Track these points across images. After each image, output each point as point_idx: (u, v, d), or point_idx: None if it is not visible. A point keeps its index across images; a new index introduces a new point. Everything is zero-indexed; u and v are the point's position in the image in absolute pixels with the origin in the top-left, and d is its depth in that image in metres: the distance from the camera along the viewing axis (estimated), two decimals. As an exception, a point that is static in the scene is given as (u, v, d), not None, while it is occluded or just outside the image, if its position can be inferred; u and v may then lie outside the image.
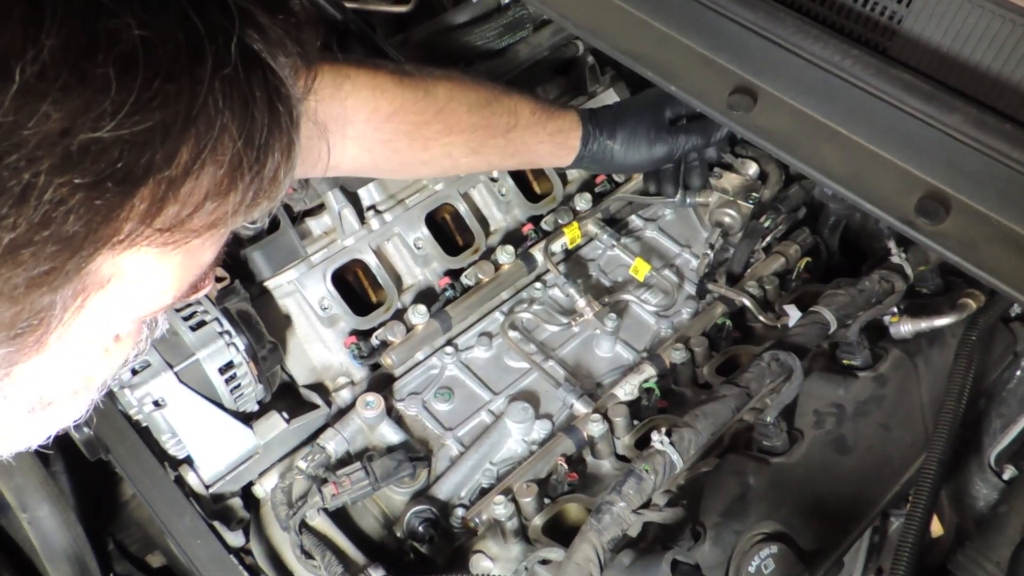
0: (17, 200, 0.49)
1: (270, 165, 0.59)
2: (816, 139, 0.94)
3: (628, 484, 1.05)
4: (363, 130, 1.21)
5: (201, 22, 0.52)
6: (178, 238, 0.57)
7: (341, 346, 1.47)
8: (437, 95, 1.25)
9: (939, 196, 0.90)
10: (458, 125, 1.28)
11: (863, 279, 1.32)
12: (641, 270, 1.62)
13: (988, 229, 0.88)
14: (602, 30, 1.09)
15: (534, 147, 1.39)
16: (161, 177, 0.53)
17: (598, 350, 1.56)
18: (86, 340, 0.62)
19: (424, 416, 1.45)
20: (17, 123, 0.47)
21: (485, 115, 1.30)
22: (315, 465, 1.33)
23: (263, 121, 0.57)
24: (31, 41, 0.47)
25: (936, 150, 0.89)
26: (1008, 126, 0.86)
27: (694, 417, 1.12)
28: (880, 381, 1.26)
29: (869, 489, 1.23)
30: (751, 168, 1.77)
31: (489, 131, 1.31)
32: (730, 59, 1.00)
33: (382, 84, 1.20)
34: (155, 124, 0.51)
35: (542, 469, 1.34)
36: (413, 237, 1.56)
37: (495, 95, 1.31)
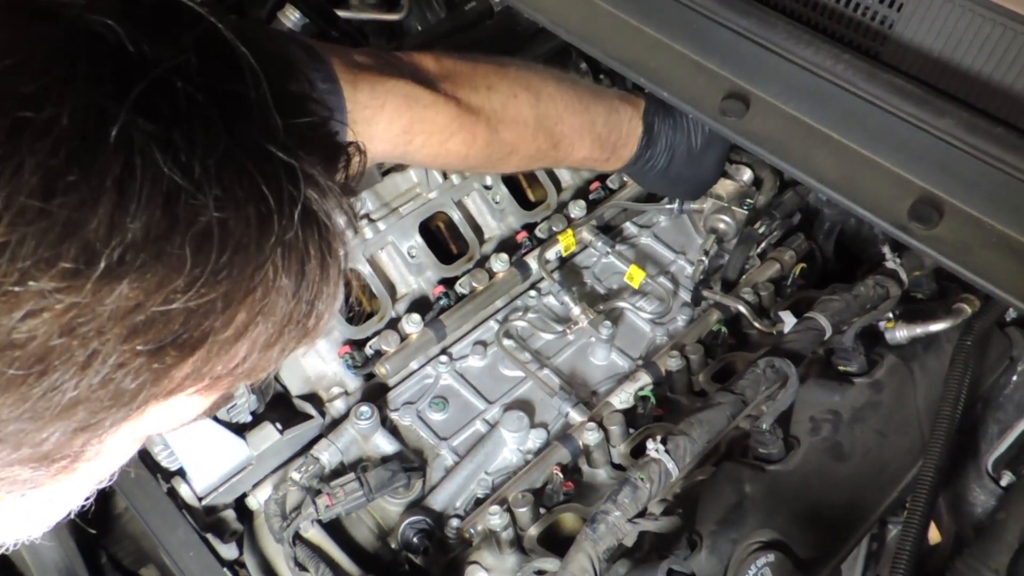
0: (82, 366, 0.50)
1: (315, 317, 0.61)
2: (808, 144, 0.94)
3: (623, 493, 1.04)
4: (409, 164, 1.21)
5: (273, 195, 0.53)
6: (219, 385, 0.59)
7: (335, 356, 1.47)
8: (501, 150, 1.25)
9: (932, 200, 0.89)
10: (506, 168, 1.32)
11: (858, 284, 1.32)
12: (636, 277, 1.62)
13: (982, 233, 0.87)
14: (593, 36, 1.09)
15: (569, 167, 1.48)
16: (217, 340, 0.55)
17: (593, 358, 1.55)
18: (110, 456, 0.62)
19: (419, 426, 1.44)
20: (96, 302, 0.48)
21: (535, 162, 1.32)
22: (309, 476, 1.32)
23: (314, 279, 0.58)
24: (118, 228, 0.48)
25: (928, 154, 0.88)
26: (1000, 129, 0.86)
27: (689, 425, 1.11)
28: (876, 387, 1.26)
29: (866, 496, 1.22)
30: (745, 174, 1.77)
31: (533, 165, 1.36)
32: (721, 64, 1.00)
33: (450, 150, 1.19)
34: (220, 295, 0.52)
35: (537, 478, 1.33)
36: (407, 245, 1.56)
37: (557, 144, 1.29)
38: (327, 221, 0.58)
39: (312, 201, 0.57)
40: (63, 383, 0.50)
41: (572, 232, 1.63)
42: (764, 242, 1.67)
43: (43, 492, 0.60)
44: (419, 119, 1.14)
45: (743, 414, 1.23)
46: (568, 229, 1.64)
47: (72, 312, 0.48)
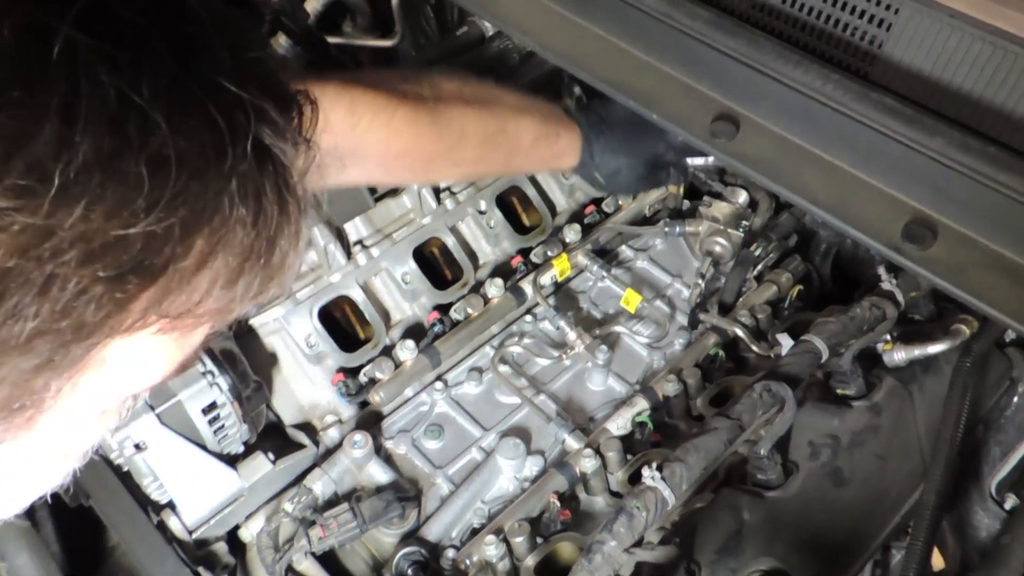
0: (40, 290, 0.49)
1: (278, 253, 0.61)
2: (800, 165, 0.93)
3: (619, 522, 1.03)
4: (368, 162, 1.21)
5: (225, 123, 0.54)
6: (182, 324, 0.58)
7: (328, 384, 1.45)
8: (450, 133, 1.25)
9: (926, 221, 0.88)
10: (463, 159, 1.31)
11: (854, 306, 1.31)
12: (632, 301, 1.60)
13: (976, 254, 0.86)
14: (582, 59, 1.09)
15: (527, 168, 1.49)
16: (177, 268, 0.54)
17: (590, 383, 1.54)
18: (73, 416, 0.61)
19: (414, 454, 1.42)
20: (54, 223, 0.48)
21: (489, 148, 1.32)
22: (302, 507, 1.30)
23: (272, 212, 0.58)
24: (66, 145, 0.48)
25: (921, 174, 0.87)
26: (992, 149, 0.85)
27: (685, 451, 1.10)
28: (875, 410, 1.24)
29: (867, 522, 1.20)
30: (741, 196, 1.76)
31: (489, 163, 1.35)
32: (711, 86, 0.99)
33: (397, 127, 1.19)
34: (178, 220, 0.52)
35: (534, 507, 1.31)
36: (401, 272, 1.55)
37: (503, 124, 1.32)
38: (282, 157, 0.59)
39: (266, 135, 0.57)
40: (22, 309, 0.49)
41: (567, 256, 1.63)
42: (760, 264, 1.66)
43: (5, 453, 0.59)
44: (359, 100, 1.14)
45: (740, 440, 1.21)
46: (563, 253, 1.63)
47: (28, 232, 0.48)
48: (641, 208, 1.78)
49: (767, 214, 1.75)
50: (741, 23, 1.02)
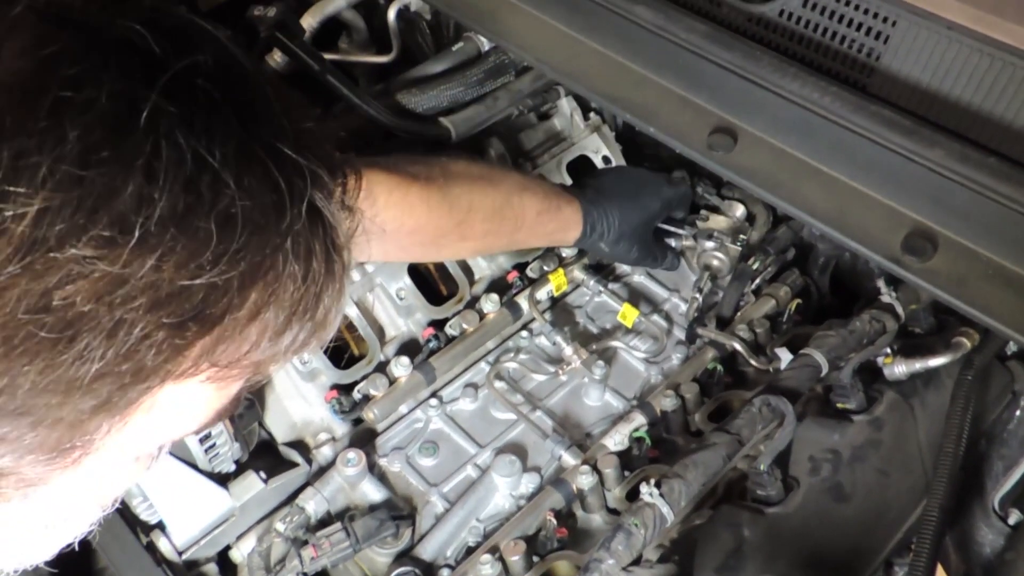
0: (108, 334, 0.53)
1: (322, 310, 0.64)
2: (798, 177, 0.92)
3: (617, 540, 1.01)
4: (385, 240, 1.24)
5: (285, 184, 0.58)
6: (230, 374, 0.61)
7: (322, 401, 1.43)
8: (460, 208, 1.29)
9: (926, 233, 0.87)
10: (472, 233, 1.33)
11: (853, 319, 1.29)
12: (629, 316, 1.59)
13: (978, 265, 0.85)
14: (579, 73, 1.08)
15: (532, 242, 1.49)
16: (233, 318, 0.58)
17: (587, 399, 1.52)
18: (113, 459, 0.63)
19: (408, 472, 1.40)
20: (129, 272, 0.52)
21: (496, 221, 1.35)
22: (294, 527, 1.28)
23: (320, 270, 0.62)
24: (147, 201, 0.52)
25: (920, 186, 0.86)
26: (992, 160, 0.84)
27: (684, 467, 1.08)
28: (876, 425, 1.22)
29: (870, 538, 1.18)
30: (738, 210, 1.75)
31: (497, 236, 1.38)
32: (708, 99, 0.98)
33: (412, 204, 1.24)
34: (238, 273, 0.56)
35: (530, 525, 1.29)
36: (395, 287, 1.53)
37: (509, 199, 1.35)
38: (331, 219, 0.63)
39: (318, 198, 0.61)
40: (91, 351, 0.52)
41: (563, 271, 1.61)
42: (759, 278, 1.64)
43: (46, 494, 0.61)
44: (374, 180, 1.20)
45: (740, 455, 1.20)
46: (559, 268, 1.62)
47: (106, 279, 0.51)
48: (637, 222, 1.76)
49: (764, 228, 1.74)
50: (738, 36, 1.01)
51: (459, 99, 1.49)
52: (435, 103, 1.47)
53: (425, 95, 1.47)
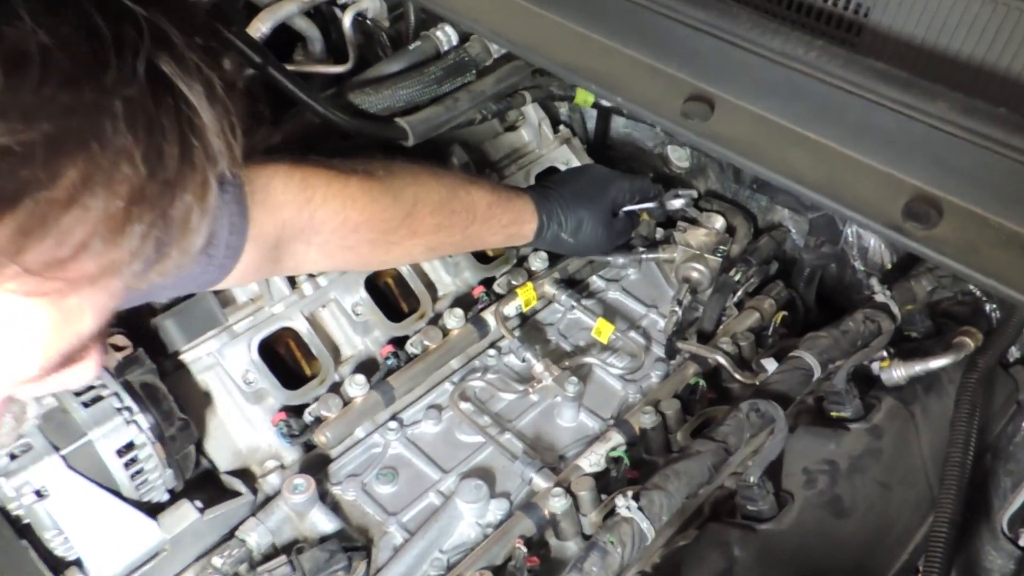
0: None
1: (180, 206, 0.52)
2: (783, 145, 0.82)
3: (591, 560, 0.88)
4: (328, 239, 1.16)
5: (109, 32, 0.47)
6: (53, 285, 0.48)
7: (269, 425, 1.31)
8: (404, 200, 1.22)
9: (929, 198, 0.77)
10: (421, 228, 1.25)
11: (846, 319, 1.19)
12: (604, 332, 1.48)
13: (990, 232, 0.75)
14: (540, 46, 0.99)
15: (489, 238, 1.38)
16: (39, 198, 0.45)
17: (560, 419, 1.40)
18: None
19: (364, 500, 1.28)
20: None
21: (445, 214, 1.27)
22: (233, 562, 1.15)
23: (172, 154, 0.50)
24: None
25: (921, 146, 0.77)
26: (1003, 111, 0.74)
27: (665, 478, 0.96)
28: (875, 433, 1.11)
29: (873, 559, 1.06)
30: (718, 222, 1.66)
31: (450, 230, 1.29)
32: (680, 66, 0.89)
33: (352, 195, 1.15)
34: (41, 137, 0.44)
35: (498, 554, 1.16)
36: (351, 302, 1.42)
37: (455, 191, 1.29)
38: (188, 94, 0.51)
39: (164, 62, 0.49)
40: None
41: (532, 285, 1.51)
42: (740, 290, 1.54)
43: None
44: (312, 174, 1.12)
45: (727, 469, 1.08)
46: (528, 283, 1.51)
47: None
48: (611, 236, 1.67)
49: (746, 240, 1.65)
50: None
51: (416, 99, 1.39)
52: (390, 103, 1.38)
53: (380, 94, 1.37)
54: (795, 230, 1.63)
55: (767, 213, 1.67)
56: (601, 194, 1.47)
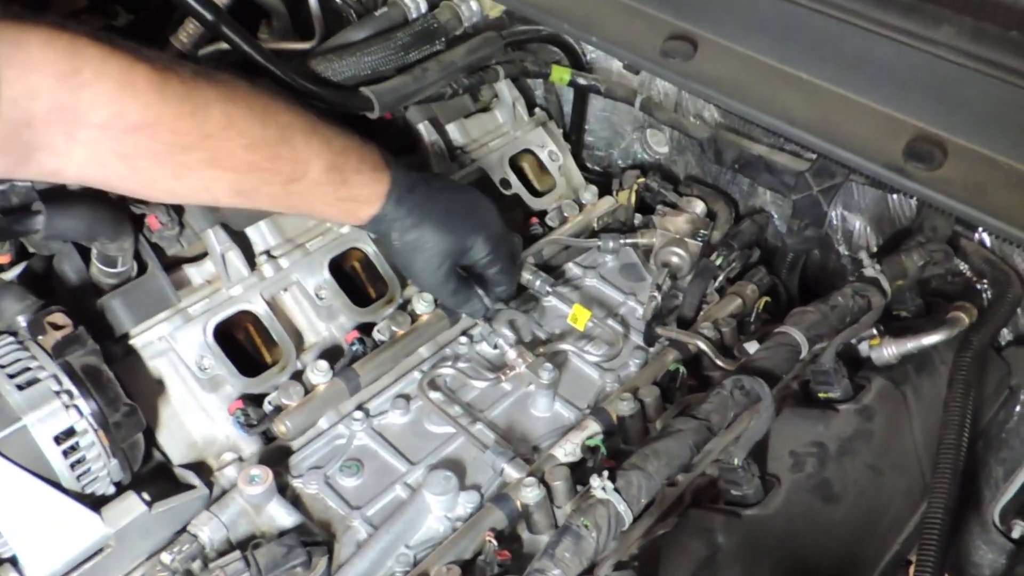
0: None
1: None
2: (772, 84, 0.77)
3: (563, 545, 0.82)
4: (97, 136, 0.94)
5: None
6: None
7: (226, 414, 1.23)
8: (209, 117, 1.00)
9: (932, 138, 0.71)
10: (228, 160, 1.03)
11: (835, 295, 1.13)
12: (581, 318, 1.41)
13: (999, 173, 0.69)
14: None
15: (319, 206, 1.16)
16: None
17: (534, 409, 1.33)
18: None
19: (327, 494, 1.20)
20: None
21: (266, 157, 1.05)
22: (183, 558, 1.07)
23: None
24: None
25: (923, 80, 0.71)
26: (1015, 34, 0.68)
27: (643, 458, 0.90)
28: (865, 414, 1.05)
29: (863, 547, 1.00)
30: (698, 207, 1.61)
31: (265, 176, 1.07)
32: (661, 4, 0.82)
33: (135, 84, 0.93)
34: None
35: (467, 548, 1.09)
36: (315, 286, 1.34)
37: (288, 134, 1.07)
38: None
39: None
40: None
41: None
42: (722, 276, 1.49)
43: None
44: (83, 45, 0.90)
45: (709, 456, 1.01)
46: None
47: None
48: (589, 221, 1.61)
49: (727, 225, 1.60)
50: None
51: (382, 67, 1.33)
52: (355, 71, 1.31)
53: (343, 62, 1.31)
54: (777, 215, 1.58)
55: (749, 198, 1.62)
56: (466, 228, 1.25)
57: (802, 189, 1.45)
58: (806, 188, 1.44)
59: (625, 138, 1.76)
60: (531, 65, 1.58)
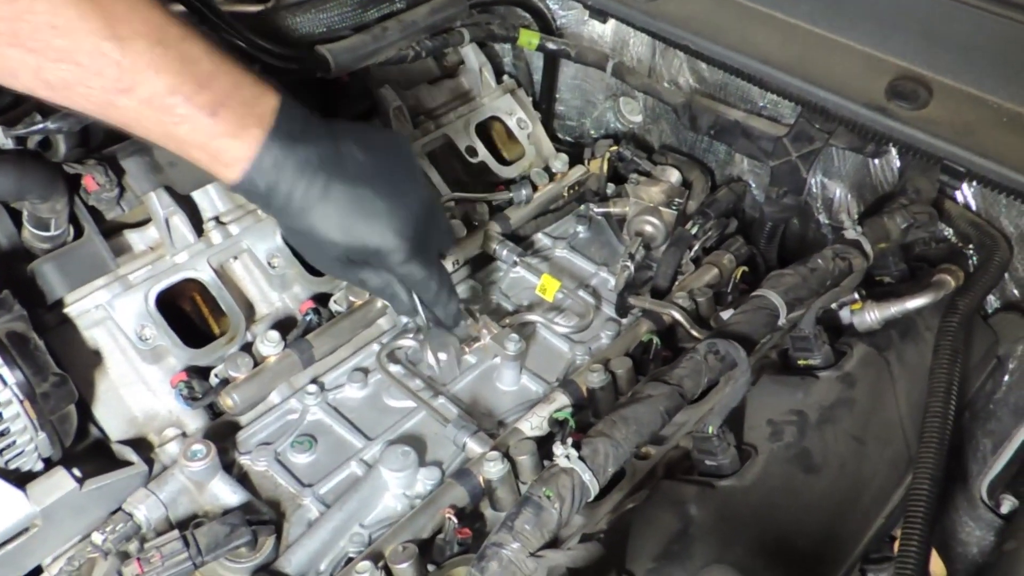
0: None
1: None
2: (746, 23, 0.70)
3: (523, 517, 0.75)
4: None
5: None
6: None
7: (169, 387, 1.15)
8: None
9: (916, 77, 0.65)
10: (31, 40, 0.78)
11: (814, 257, 1.06)
12: (550, 288, 1.35)
13: (987, 112, 0.63)
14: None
15: (162, 139, 0.87)
16: None
17: (500, 383, 1.27)
18: None
19: (276, 471, 1.13)
20: None
21: (84, 50, 0.79)
22: (116, 538, 1.00)
23: None
24: None
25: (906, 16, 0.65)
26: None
27: (611, 424, 0.83)
28: (847, 381, 0.99)
29: (845, 521, 0.94)
30: (672, 175, 1.55)
31: (80, 74, 0.81)
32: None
33: None
34: None
35: (425, 526, 1.02)
36: (267, 253, 1.26)
37: (121, 35, 0.80)
38: None
39: None
40: None
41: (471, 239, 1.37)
42: (697, 245, 1.42)
43: None
44: None
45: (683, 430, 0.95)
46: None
47: None
48: (559, 190, 1.54)
49: (703, 194, 1.54)
50: None
51: (339, 25, 1.25)
52: (310, 28, 1.24)
53: (297, 19, 1.23)
54: (755, 184, 1.52)
55: (725, 167, 1.56)
56: (369, 228, 0.95)
57: (780, 155, 1.38)
58: (784, 154, 1.38)
59: (598, 107, 1.69)
60: (498, 29, 1.51)
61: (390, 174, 0.97)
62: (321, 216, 0.93)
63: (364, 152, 0.95)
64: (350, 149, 0.94)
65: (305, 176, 0.90)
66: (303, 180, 0.90)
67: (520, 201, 1.48)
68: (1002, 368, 1.19)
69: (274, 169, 0.89)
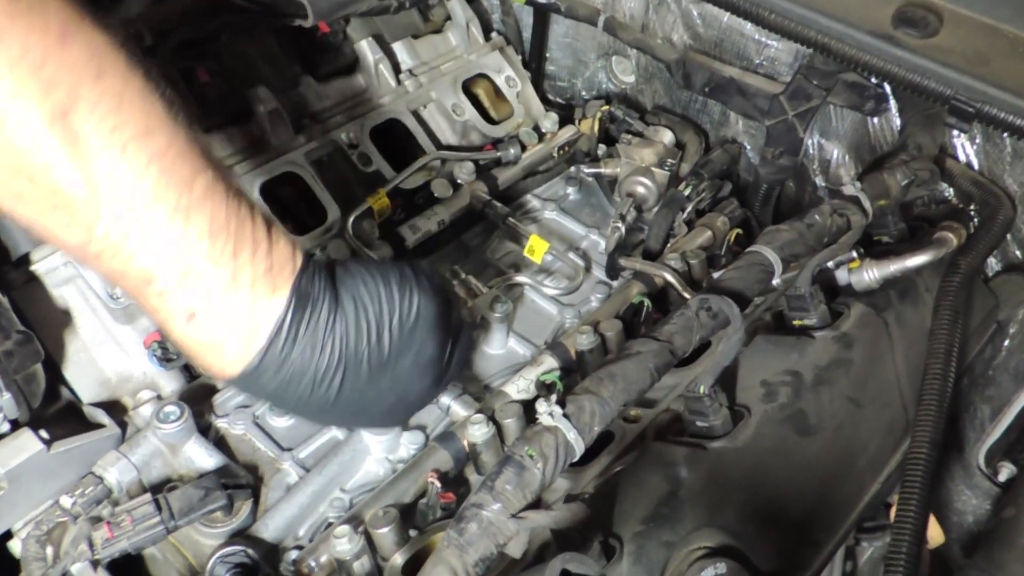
0: None
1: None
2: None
3: (504, 476, 0.71)
4: None
5: None
6: None
7: (143, 348, 1.11)
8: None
9: (924, 3, 0.61)
10: None
11: (811, 212, 1.03)
12: (538, 250, 1.31)
13: (1002, 41, 0.59)
14: None
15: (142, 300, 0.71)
16: None
17: (486, 346, 1.23)
18: None
19: (255, 434, 1.09)
20: None
21: None
22: (87, 502, 0.96)
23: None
24: None
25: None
26: None
27: (597, 381, 0.79)
28: (844, 341, 0.96)
29: (841, 485, 0.91)
30: (666, 136, 1.50)
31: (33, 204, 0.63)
32: None
33: None
34: None
35: (407, 490, 0.99)
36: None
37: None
38: None
39: None
40: None
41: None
42: (691, 206, 1.38)
43: None
44: None
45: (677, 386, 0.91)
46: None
47: None
48: (548, 150, 1.50)
49: (696, 155, 1.50)
50: None
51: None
52: (288, -24, 1.18)
53: (274, -35, 1.18)
54: (750, 145, 1.48)
55: (720, 128, 1.52)
56: None
57: (776, 114, 1.34)
58: (780, 112, 1.34)
59: (589, 67, 1.65)
60: (486, -20, 1.46)
61: (406, 357, 0.81)
62: (319, 416, 0.84)
63: (380, 332, 0.78)
64: (370, 330, 0.77)
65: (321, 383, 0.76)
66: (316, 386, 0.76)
67: (508, 160, 1.43)
68: (1002, 333, 1.16)
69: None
